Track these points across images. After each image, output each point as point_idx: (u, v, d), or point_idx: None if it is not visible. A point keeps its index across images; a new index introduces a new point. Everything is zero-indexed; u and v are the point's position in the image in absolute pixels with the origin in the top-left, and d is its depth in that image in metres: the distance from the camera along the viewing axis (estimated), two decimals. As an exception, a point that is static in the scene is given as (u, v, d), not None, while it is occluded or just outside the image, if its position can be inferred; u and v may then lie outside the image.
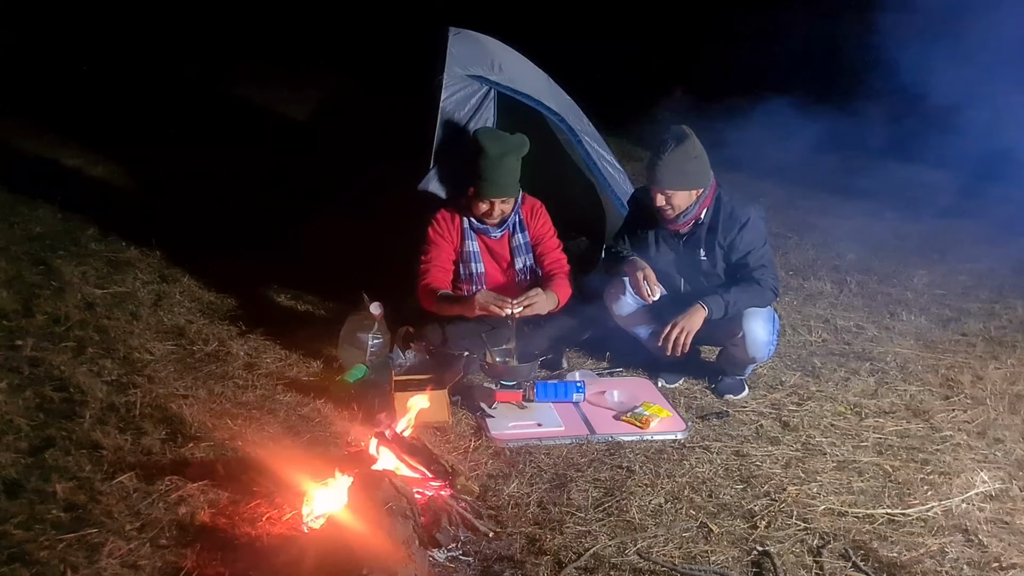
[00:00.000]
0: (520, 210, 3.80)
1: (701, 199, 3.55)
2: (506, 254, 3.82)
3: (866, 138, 6.64)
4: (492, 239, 3.78)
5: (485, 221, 3.73)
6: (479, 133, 3.72)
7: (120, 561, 2.43)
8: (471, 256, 3.76)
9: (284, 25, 10.32)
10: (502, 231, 3.78)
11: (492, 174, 3.61)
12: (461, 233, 3.75)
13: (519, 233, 3.81)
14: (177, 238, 4.83)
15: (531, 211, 3.85)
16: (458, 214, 3.75)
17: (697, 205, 3.55)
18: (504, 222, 3.76)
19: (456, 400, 3.46)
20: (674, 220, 3.58)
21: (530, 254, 3.84)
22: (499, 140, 3.67)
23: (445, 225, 3.74)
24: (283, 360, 3.72)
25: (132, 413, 3.17)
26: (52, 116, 7.24)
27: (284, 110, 7.57)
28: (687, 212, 3.55)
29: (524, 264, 3.82)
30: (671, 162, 3.45)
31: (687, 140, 3.47)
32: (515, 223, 3.80)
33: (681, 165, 3.46)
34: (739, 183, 5.32)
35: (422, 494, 2.66)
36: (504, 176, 3.64)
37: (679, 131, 3.51)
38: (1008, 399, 3.71)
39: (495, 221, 3.73)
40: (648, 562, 2.57)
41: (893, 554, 2.67)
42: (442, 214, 3.76)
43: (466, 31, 4.42)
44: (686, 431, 3.36)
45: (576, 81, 4.89)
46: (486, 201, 3.66)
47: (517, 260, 3.81)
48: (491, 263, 3.83)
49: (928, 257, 5.51)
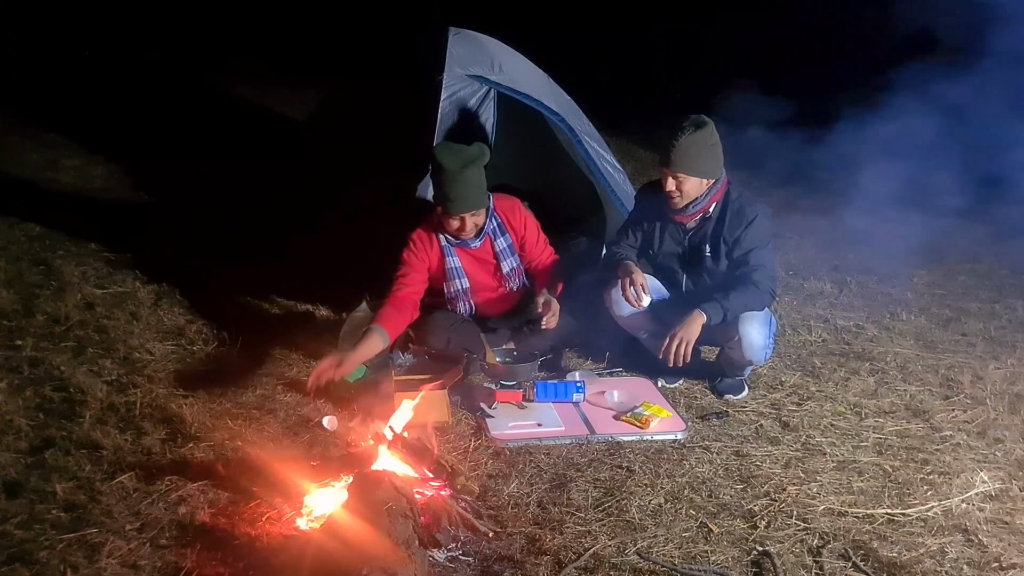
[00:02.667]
0: (496, 214, 3.71)
1: (711, 192, 3.53)
2: (491, 259, 3.75)
3: (866, 138, 6.64)
4: (473, 249, 3.70)
5: (460, 236, 3.64)
6: (436, 149, 3.60)
7: (120, 561, 2.43)
8: (454, 273, 3.69)
9: (284, 25, 10.33)
10: (481, 239, 3.69)
11: (455, 190, 3.50)
12: (440, 251, 3.66)
13: (500, 237, 3.73)
14: (177, 239, 4.83)
15: (509, 211, 3.75)
16: (434, 232, 3.66)
17: (707, 198, 3.53)
18: (481, 232, 3.68)
19: (456, 400, 3.47)
20: (681, 211, 3.56)
21: (515, 256, 3.77)
22: (456, 154, 3.54)
23: (422, 247, 3.65)
24: (283, 360, 3.72)
25: (132, 413, 3.18)
26: (52, 116, 7.25)
27: (284, 110, 7.58)
28: (696, 203, 3.53)
29: (511, 267, 3.77)
30: (686, 145, 3.43)
31: (705, 127, 3.46)
32: (494, 228, 3.71)
33: (696, 150, 3.44)
34: (740, 182, 5.31)
35: (422, 494, 2.66)
36: (468, 189, 3.52)
37: (699, 118, 3.49)
38: (1008, 399, 3.71)
39: (470, 235, 3.64)
40: (648, 562, 2.56)
41: (893, 554, 2.67)
42: (418, 234, 3.66)
43: (466, 31, 4.42)
44: (686, 431, 3.36)
45: (576, 81, 4.89)
46: (456, 218, 3.56)
47: (503, 264, 3.75)
48: (478, 272, 3.76)
49: (928, 257, 5.51)
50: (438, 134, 4.02)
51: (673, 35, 9.03)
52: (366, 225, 4.07)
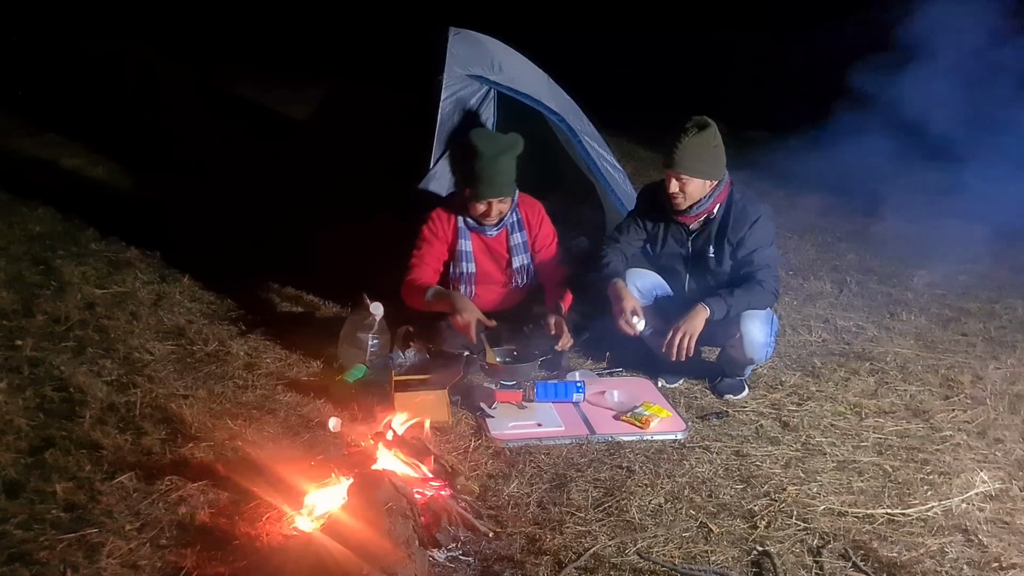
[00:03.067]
0: (518, 209, 3.80)
1: (715, 194, 3.54)
2: (504, 252, 3.82)
3: (866, 138, 6.64)
4: (489, 237, 3.78)
5: (483, 222, 3.74)
6: (472, 134, 3.71)
7: (120, 561, 2.43)
8: (463, 256, 3.76)
9: (284, 25, 10.33)
10: (499, 229, 3.78)
11: (487, 175, 3.61)
12: (455, 232, 3.75)
13: (517, 232, 3.81)
14: (177, 238, 4.83)
15: (531, 212, 3.84)
16: (454, 213, 3.75)
17: (710, 200, 3.54)
18: (501, 221, 3.77)
19: (456, 400, 3.47)
20: (684, 212, 3.57)
21: (527, 254, 3.83)
22: (493, 140, 3.67)
23: (440, 224, 3.75)
24: (283, 360, 3.72)
25: (132, 413, 3.18)
26: (52, 116, 7.24)
27: (284, 110, 7.57)
28: (699, 205, 3.54)
29: (522, 263, 3.83)
30: (690, 147, 3.44)
31: (708, 128, 3.47)
32: (513, 222, 3.80)
33: (699, 152, 3.45)
34: (741, 182, 5.31)
35: (422, 494, 2.66)
36: (499, 176, 3.63)
37: (702, 119, 3.49)
38: (1008, 399, 3.71)
39: (493, 221, 3.74)
40: (648, 562, 2.56)
41: (893, 554, 2.67)
42: (438, 212, 3.76)
43: (466, 31, 4.42)
44: (686, 431, 3.36)
45: (576, 81, 4.89)
46: (483, 202, 3.66)
47: (515, 259, 3.82)
48: (488, 262, 3.82)
49: (928, 257, 5.51)
50: (438, 134, 4.02)
51: (678, 39, 9.05)
52: (366, 225, 4.07)
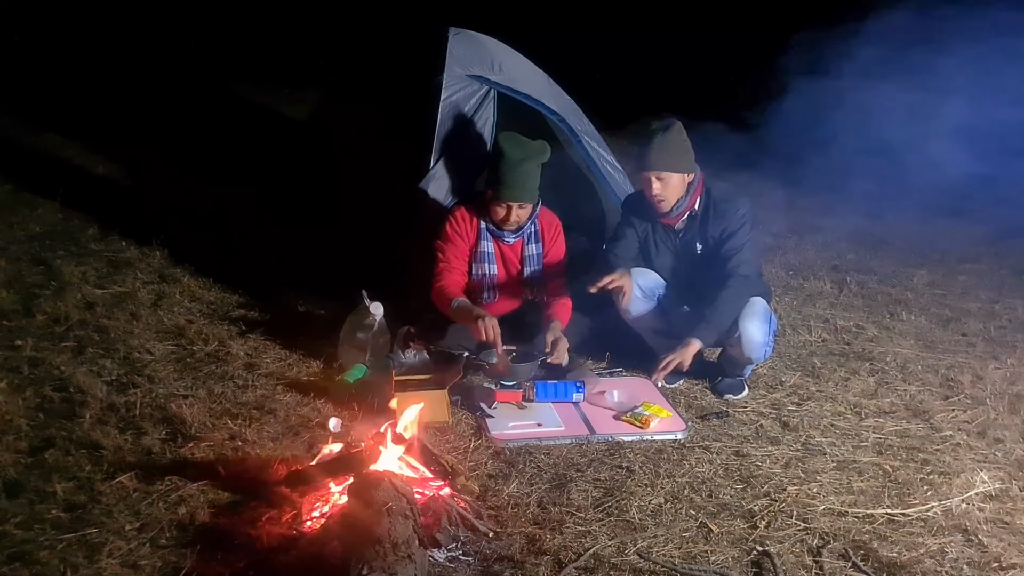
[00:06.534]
0: (537, 221, 3.80)
1: (692, 188, 3.60)
2: (517, 261, 3.83)
3: (866, 138, 6.64)
4: (506, 244, 3.79)
5: (502, 227, 3.73)
6: (501, 137, 3.72)
7: (120, 561, 2.43)
8: (485, 257, 3.76)
9: (285, 24, 10.33)
10: (516, 237, 3.78)
11: (510, 177, 3.61)
12: (477, 232, 3.75)
13: (533, 243, 3.82)
14: (177, 238, 4.83)
15: (549, 226, 3.85)
16: (476, 215, 3.75)
17: (689, 195, 3.60)
18: (520, 229, 3.76)
19: (456, 400, 3.47)
20: (668, 213, 3.61)
21: (540, 267, 3.84)
22: (519, 145, 3.67)
23: (463, 223, 3.74)
24: (283, 360, 3.72)
25: (132, 413, 3.17)
26: (52, 116, 7.24)
27: (284, 110, 7.58)
28: (680, 204, 3.60)
29: (533, 274, 3.83)
30: (662, 144, 3.52)
31: (674, 126, 3.56)
32: (531, 233, 3.80)
33: (671, 148, 3.54)
34: (741, 182, 5.32)
35: (422, 494, 2.66)
36: (522, 181, 3.63)
37: (667, 120, 3.59)
38: (1008, 399, 3.71)
39: (512, 227, 3.73)
40: (648, 562, 2.56)
41: (893, 554, 2.67)
42: (461, 212, 3.76)
43: (466, 31, 4.42)
44: (686, 431, 3.36)
45: (576, 81, 4.89)
46: (503, 205, 3.66)
47: (527, 269, 3.83)
48: (502, 268, 3.83)
49: (928, 257, 5.51)
50: (438, 134, 4.02)
51: (678, 42, 9.05)
52: (366, 225, 4.07)
